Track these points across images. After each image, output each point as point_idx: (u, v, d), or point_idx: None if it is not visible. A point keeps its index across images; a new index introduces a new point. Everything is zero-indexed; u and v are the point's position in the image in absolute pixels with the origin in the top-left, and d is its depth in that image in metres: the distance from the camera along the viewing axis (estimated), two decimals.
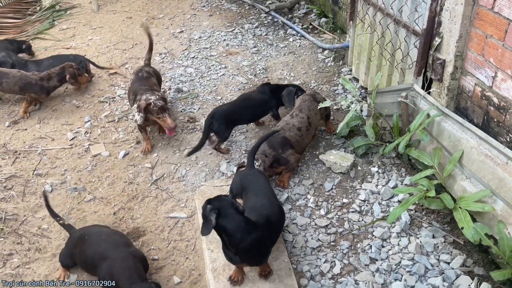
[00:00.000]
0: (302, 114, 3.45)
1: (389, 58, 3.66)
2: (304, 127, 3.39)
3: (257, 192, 2.68)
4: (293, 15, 6.10)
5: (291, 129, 3.35)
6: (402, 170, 3.30)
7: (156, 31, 5.96)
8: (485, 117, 2.77)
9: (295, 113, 3.47)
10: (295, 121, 3.40)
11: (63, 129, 4.13)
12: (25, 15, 6.61)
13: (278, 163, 3.25)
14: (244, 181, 2.80)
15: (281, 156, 3.24)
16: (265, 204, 2.56)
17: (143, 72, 4.02)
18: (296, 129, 3.36)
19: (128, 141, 3.91)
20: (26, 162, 3.72)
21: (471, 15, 2.71)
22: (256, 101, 3.82)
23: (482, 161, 2.60)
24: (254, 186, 2.74)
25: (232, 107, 3.72)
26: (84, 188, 3.42)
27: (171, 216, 3.15)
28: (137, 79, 3.92)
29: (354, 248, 2.78)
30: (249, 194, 2.70)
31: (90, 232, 2.72)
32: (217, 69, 4.95)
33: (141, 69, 4.08)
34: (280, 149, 3.25)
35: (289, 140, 3.29)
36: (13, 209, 3.22)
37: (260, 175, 2.86)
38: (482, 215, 2.54)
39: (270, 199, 2.63)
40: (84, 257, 2.58)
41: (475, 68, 2.78)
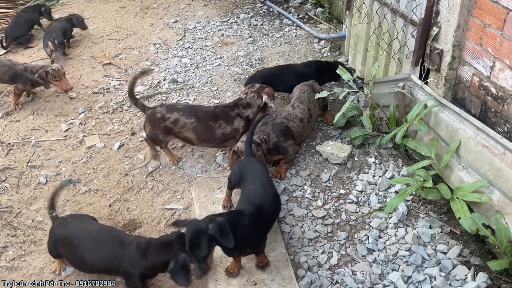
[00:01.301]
0: (303, 106, 3.43)
1: (386, 48, 3.63)
2: (305, 119, 3.38)
3: (253, 180, 2.67)
4: (288, 5, 6.05)
5: (294, 119, 3.33)
6: (399, 161, 3.30)
7: (151, 21, 5.89)
8: (483, 107, 2.76)
9: (296, 104, 3.44)
10: (297, 112, 3.38)
11: (57, 120, 4.09)
12: (16, 4, 6.50)
13: (277, 151, 3.22)
14: (242, 171, 2.79)
15: (281, 144, 3.22)
16: (258, 191, 2.55)
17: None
18: (298, 120, 3.34)
19: (123, 133, 3.87)
20: (20, 154, 3.67)
21: (470, 4, 2.68)
22: (296, 71, 3.97)
23: (479, 152, 2.59)
24: (251, 174, 2.72)
25: (273, 71, 4.02)
26: (79, 180, 3.39)
27: (168, 208, 3.13)
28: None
29: (351, 239, 2.77)
30: (246, 182, 2.69)
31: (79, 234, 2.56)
32: (213, 59, 4.91)
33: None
34: (282, 137, 3.23)
35: (291, 131, 3.27)
36: (7, 201, 3.19)
37: (257, 163, 2.84)
38: (479, 205, 2.55)
39: (265, 187, 2.62)
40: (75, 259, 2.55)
41: (473, 58, 2.76)
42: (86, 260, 2.47)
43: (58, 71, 4.08)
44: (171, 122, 3.23)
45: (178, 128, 3.24)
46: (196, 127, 3.22)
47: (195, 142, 3.33)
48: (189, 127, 3.23)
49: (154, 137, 3.32)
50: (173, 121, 3.23)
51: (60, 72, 4.09)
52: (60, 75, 4.08)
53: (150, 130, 3.30)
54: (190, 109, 3.32)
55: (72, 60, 5.03)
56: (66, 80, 4.16)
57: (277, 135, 3.22)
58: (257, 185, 2.61)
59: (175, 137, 3.32)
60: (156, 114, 3.26)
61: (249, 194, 2.55)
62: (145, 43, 5.34)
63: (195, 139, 3.29)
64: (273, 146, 3.19)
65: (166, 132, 3.27)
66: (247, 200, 2.50)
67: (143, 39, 5.45)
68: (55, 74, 4.05)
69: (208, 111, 3.31)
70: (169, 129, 3.25)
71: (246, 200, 2.51)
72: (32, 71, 4.13)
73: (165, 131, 3.27)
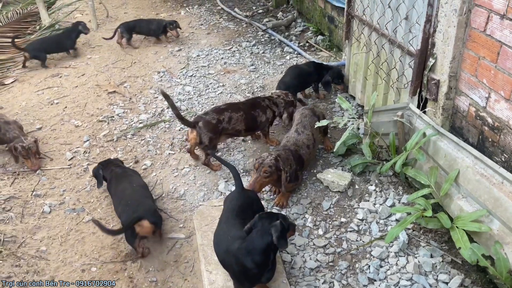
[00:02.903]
0: (307, 131, 3.47)
1: (384, 77, 3.71)
2: (311, 145, 3.42)
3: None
4: (290, 33, 6.19)
5: (302, 146, 3.36)
6: (400, 189, 3.32)
7: (155, 49, 6.03)
8: (480, 136, 2.80)
9: (300, 130, 3.47)
10: (304, 139, 3.41)
11: (62, 148, 4.15)
12: (25, 34, 6.68)
13: (290, 179, 3.20)
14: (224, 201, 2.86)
15: (296, 172, 3.24)
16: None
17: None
18: (306, 146, 3.38)
19: (126, 161, 3.93)
20: (25, 182, 3.73)
21: (464, 37, 2.76)
22: (303, 71, 4.49)
23: (478, 181, 2.62)
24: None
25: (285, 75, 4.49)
26: (83, 209, 3.43)
27: (170, 237, 3.15)
28: None
29: (352, 268, 2.78)
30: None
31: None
32: (215, 87, 5.00)
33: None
34: (298, 165, 3.26)
35: (303, 159, 3.31)
36: (12, 231, 3.22)
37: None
38: (479, 234, 2.56)
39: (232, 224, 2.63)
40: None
41: (469, 88, 2.82)
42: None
43: (28, 150, 3.80)
44: (226, 122, 3.57)
45: (232, 125, 3.61)
46: (245, 118, 3.67)
47: (242, 133, 3.78)
48: (241, 120, 3.64)
49: (215, 143, 3.58)
50: (227, 120, 3.57)
51: (29, 151, 3.81)
52: (28, 153, 3.81)
53: (210, 137, 3.51)
54: (232, 105, 3.76)
55: (78, 88, 5.14)
56: (34, 159, 3.86)
57: (296, 163, 3.25)
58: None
59: (225, 136, 3.70)
60: (212, 121, 3.52)
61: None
62: (149, 71, 5.46)
63: (243, 130, 3.72)
64: (292, 173, 3.19)
65: (219, 134, 3.58)
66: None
67: (147, 67, 5.57)
68: (23, 152, 3.80)
69: (246, 103, 3.82)
70: (223, 129, 3.57)
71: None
72: (5, 134, 3.95)
73: (219, 133, 3.58)
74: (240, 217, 2.60)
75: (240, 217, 2.61)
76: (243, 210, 2.68)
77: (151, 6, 7.80)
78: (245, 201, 2.76)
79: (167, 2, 7.94)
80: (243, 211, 2.67)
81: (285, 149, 3.27)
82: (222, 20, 6.89)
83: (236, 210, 2.67)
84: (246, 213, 2.64)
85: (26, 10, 7.48)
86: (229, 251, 2.41)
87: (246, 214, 2.63)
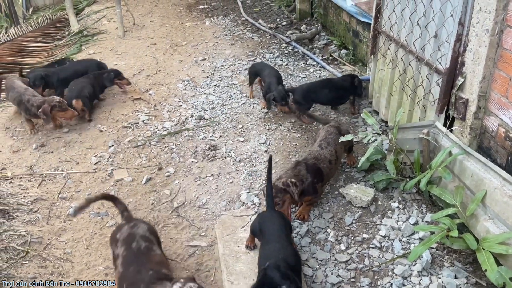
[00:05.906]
0: (330, 148, 3.46)
1: (410, 94, 3.70)
2: (333, 160, 3.42)
3: (270, 237, 2.72)
4: (313, 46, 6.22)
5: (323, 160, 3.36)
6: (423, 206, 3.30)
7: (180, 58, 6.13)
8: (509, 157, 2.77)
9: (323, 145, 3.47)
10: (326, 153, 3.41)
11: (87, 153, 4.24)
12: (54, 39, 6.87)
13: (308, 192, 3.23)
14: (261, 224, 2.85)
15: (314, 185, 3.25)
16: (277, 249, 2.59)
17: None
18: (327, 161, 3.38)
19: (150, 167, 3.99)
20: (52, 185, 3.81)
21: (495, 57, 2.75)
22: (335, 84, 4.55)
23: (505, 202, 2.59)
24: (269, 230, 2.77)
25: (311, 85, 4.58)
26: (107, 213, 3.48)
27: (191, 245, 3.18)
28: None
29: (374, 286, 2.76)
30: (264, 236, 2.77)
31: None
32: (238, 97, 5.05)
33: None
34: (315, 178, 3.27)
35: (322, 172, 3.32)
36: (38, 232, 3.30)
37: (277, 218, 2.87)
38: (506, 257, 2.52)
39: (283, 243, 2.65)
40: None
41: (498, 109, 2.80)
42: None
43: (62, 102, 4.40)
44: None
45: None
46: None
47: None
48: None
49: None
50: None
51: (63, 103, 4.40)
52: (65, 105, 4.41)
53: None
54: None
55: (104, 94, 5.24)
56: (69, 111, 4.47)
57: (312, 176, 3.25)
58: (274, 242, 2.66)
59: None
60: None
61: (267, 255, 2.59)
62: (174, 79, 5.55)
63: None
64: (307, 186, 3.20)
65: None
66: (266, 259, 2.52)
67: (172, 75, 5.66)
68: (62, 105, 4.38)
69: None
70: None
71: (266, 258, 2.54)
72: (32, 105, 4.38)
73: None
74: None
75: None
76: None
77: (177, 15, 7.94)
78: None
79: (192, 12, 8.07)
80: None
81: (298, 165, 3.30)
82: (246, 31, 6.96)
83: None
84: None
85: (55, 16, 7.70)
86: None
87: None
